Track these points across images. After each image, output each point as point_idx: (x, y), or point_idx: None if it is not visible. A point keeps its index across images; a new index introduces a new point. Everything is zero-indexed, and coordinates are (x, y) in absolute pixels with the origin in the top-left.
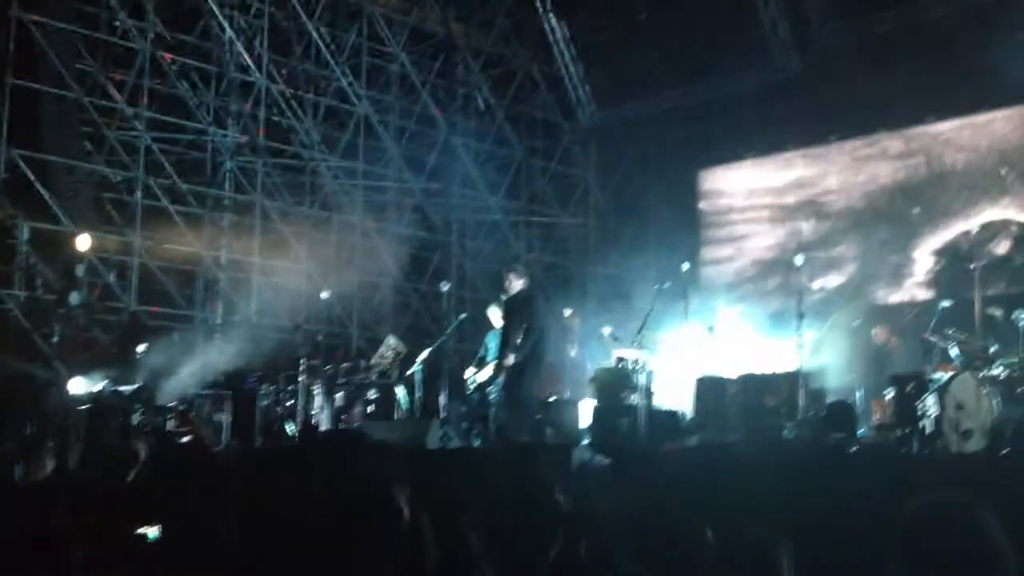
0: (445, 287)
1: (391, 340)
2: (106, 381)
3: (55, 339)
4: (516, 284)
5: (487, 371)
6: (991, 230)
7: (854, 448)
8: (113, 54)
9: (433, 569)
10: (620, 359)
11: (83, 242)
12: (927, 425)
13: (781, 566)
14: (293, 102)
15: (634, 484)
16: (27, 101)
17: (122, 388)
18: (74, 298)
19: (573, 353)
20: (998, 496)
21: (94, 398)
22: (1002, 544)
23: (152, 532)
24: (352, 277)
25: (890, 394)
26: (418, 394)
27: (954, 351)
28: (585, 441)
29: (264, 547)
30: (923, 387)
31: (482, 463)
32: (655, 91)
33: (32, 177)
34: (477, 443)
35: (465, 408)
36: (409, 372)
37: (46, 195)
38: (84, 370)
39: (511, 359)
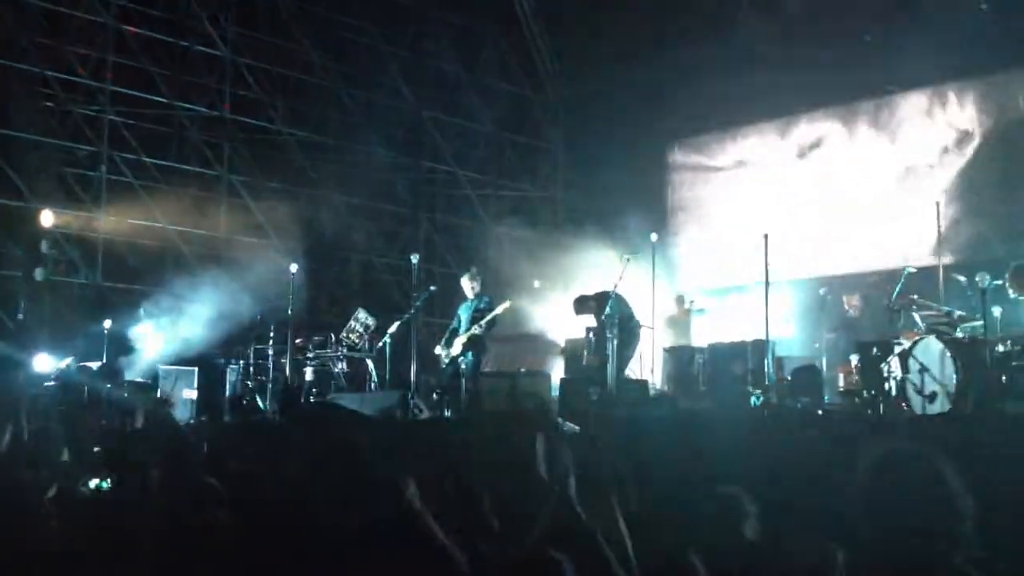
0: (414, 260)
1: (360, 314)
2: (71, 357)
3: (20, 315)
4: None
5: (458, 344)
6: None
7: (819, 411)
8: (77, 28)
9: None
10: (589, 329)
11: (47, 218)
12: (892, 388)
13: (749, 519)
14: (260, 76)
15: (601, 449)
16: None
17: (88, 364)
18: (39, 274)
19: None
20: (959, 452)
21: (60, 374)
22: (957, 488)
23: (104, 483)
24: (321, 251)
25: (855, 360)
26: (388, 367)
27: (918, 316)
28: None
29: (250, 514)
30: (888, 351)
31: (460, 431)
32: (623, 62)
33: None
34: (448, 413)
35: (435, 380)
36: (379, 345)
37: (9, 171)
38: (49, 346)
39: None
